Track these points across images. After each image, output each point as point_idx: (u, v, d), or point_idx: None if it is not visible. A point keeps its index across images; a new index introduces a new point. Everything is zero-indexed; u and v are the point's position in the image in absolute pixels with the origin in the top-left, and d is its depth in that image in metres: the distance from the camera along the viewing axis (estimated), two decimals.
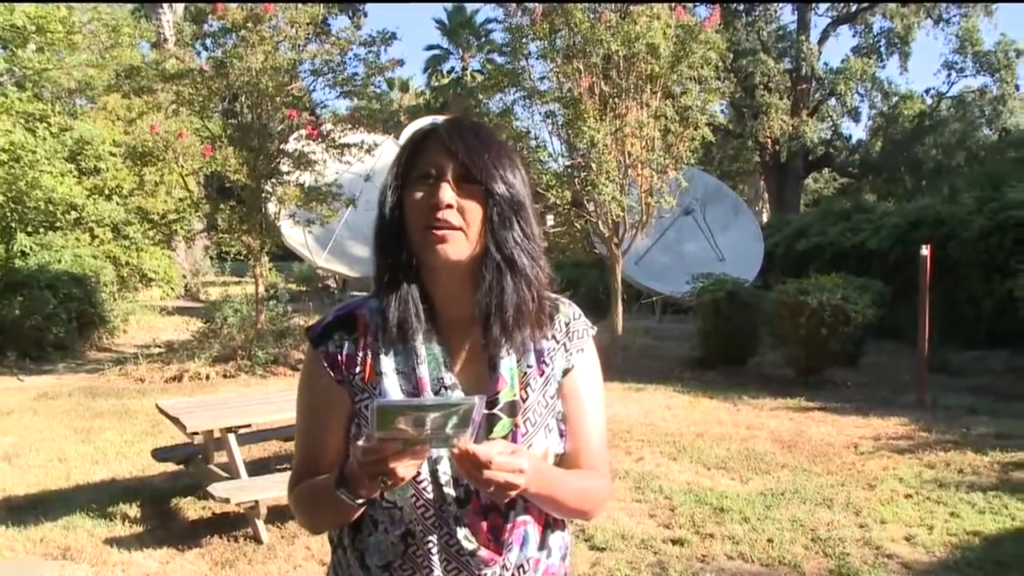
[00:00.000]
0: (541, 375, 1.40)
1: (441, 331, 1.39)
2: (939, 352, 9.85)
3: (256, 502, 4.52)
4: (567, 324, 1.45)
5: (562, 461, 1.43)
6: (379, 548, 1.37)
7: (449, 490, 1.33)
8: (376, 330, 1.39)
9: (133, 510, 5.14)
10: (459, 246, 1.32)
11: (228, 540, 4.65)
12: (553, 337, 1.43)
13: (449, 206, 1.31)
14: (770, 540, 4.63)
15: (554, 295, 1.46)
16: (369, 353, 1.39)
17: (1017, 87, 27.37)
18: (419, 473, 1.30)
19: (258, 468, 5.55)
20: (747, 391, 9.18)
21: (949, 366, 10.19)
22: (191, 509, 5.23)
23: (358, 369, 1.38)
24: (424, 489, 1.32)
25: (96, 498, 5.36)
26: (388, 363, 1.37)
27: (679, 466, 6.18)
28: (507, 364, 1.38)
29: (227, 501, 4.48)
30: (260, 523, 4.61)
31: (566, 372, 1.43)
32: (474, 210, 1.33)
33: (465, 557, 1.33)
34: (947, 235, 12.05)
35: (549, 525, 1.44)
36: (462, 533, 1.33)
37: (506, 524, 1.36)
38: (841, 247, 14.80)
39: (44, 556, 4.45)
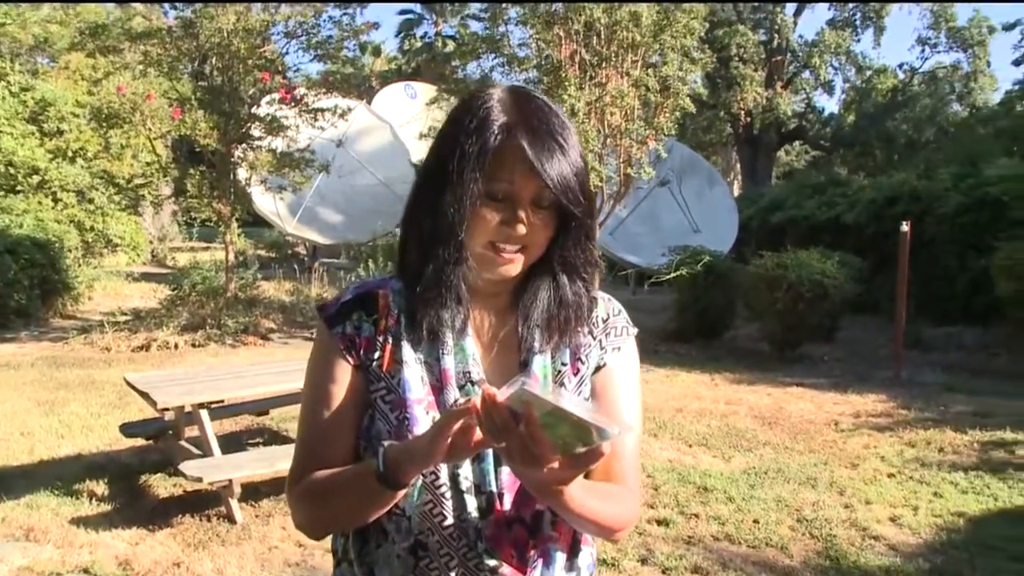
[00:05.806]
0: (576, 374, 1.28)
1: (472, 322, 1.26)
2: (913, 328, 9.87)
3: (230, 481, 4.37)
4: (605, 320, 1.32)
5: None
6: (389, 561, 1.24)
7: (471, 498, 1.20)
8: (398, 313, 1.25)
9: (100, 487, 4.96)
10: (520, 264, 1.21)
11: (200, 519, 4.49)
12: (590, 333, 1.30)
13: (523, 229, 1.18)
14: (756, 521, 4.56)
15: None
16: (389, 339, 1.24)
17: (989, 63, 27.51)
18: (437, 478, 1.17)
19: (230, 443, 5.40)
20: (724, 365, 9.15)
21: (923, 342, 10.23)
22: (161, 486, 5.05)
23: (376, 355, 1.24)
24: (443, 496, 1.18)
25: (61, 474, 5.16)
26: (410, 351, 1.23)
27: (660, 443, 6.10)
28: (540, 361, 1.25)
29: (200, 480, 4.33)
30: (234, 502, 4.46)
31: (598, 369, 1.30)
32: (544, 229, 1.20)
33: (485, 573, 1.20)
34: (923, 211, 12.07)
35: (577, 544, 1.30)
36: (483, 546, 1.20)
37: (531, 539, 1.22)
38: (816, 221, 14.81)
39: (6, 537, 4.26)
